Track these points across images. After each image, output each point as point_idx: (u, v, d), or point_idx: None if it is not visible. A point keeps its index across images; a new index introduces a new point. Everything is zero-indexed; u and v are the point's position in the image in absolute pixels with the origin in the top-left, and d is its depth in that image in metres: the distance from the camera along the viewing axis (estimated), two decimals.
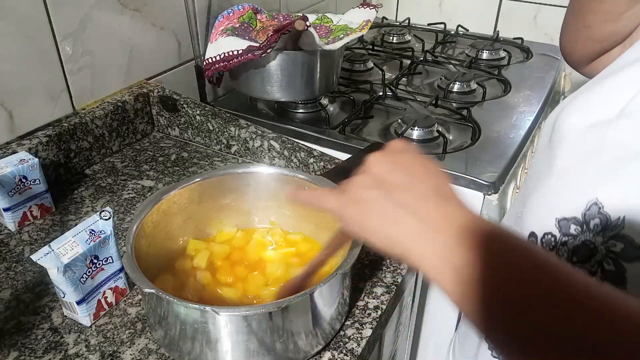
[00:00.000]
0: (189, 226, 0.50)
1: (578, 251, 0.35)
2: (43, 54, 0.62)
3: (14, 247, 0.53)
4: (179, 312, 0.38)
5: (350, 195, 0.31)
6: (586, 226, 0.34)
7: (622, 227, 0.32)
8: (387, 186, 0.30)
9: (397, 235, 0.29)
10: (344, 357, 0.42)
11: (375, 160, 0.31)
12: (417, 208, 0.29)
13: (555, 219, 0.37)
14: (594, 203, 0.34)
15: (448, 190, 0.30)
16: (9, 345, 0.43)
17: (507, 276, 0.26)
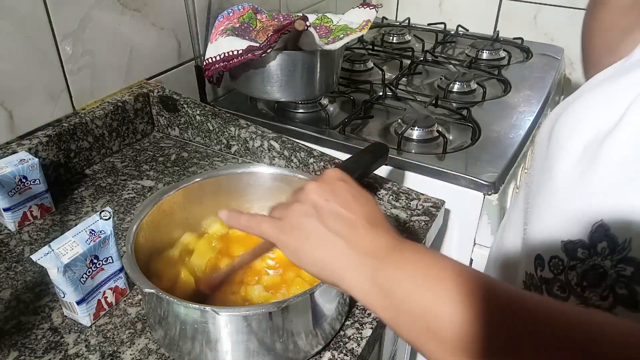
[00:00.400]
0: (189, 226, 0.50)
1: (587, 276, 0.35)
2: (43, 54, 0.62)
3: (14, 247, 0.53)
4: (179, 312, 0.38)
5: (286, 223, 0.33)
6: (593, 250, 0.34)
7: (629, 250, 0.32)
8: (323, 214, 0.32)
9: (329, 260, 0.31)
10: (344, 357, 0.42)
11: (312, 189, 0.33)
12: (348, 234, 0.31)
13: (561, 242, 0.36)
14: (599, 225, 0.33)
15: (378, 217, 0.33)
16: (9, 345, 0.43)
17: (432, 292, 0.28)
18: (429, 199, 0.61)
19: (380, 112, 0.84)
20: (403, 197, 0.61)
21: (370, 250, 0.30)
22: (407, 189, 0.62)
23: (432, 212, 0.59)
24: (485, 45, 1.07)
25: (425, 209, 0.60)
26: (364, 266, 0.30)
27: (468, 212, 0.70)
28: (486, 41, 1.10)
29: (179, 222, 0.49)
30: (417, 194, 0.61)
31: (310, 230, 0.32)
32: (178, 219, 0.49)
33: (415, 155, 0.72)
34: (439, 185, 0.70)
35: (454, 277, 0.28)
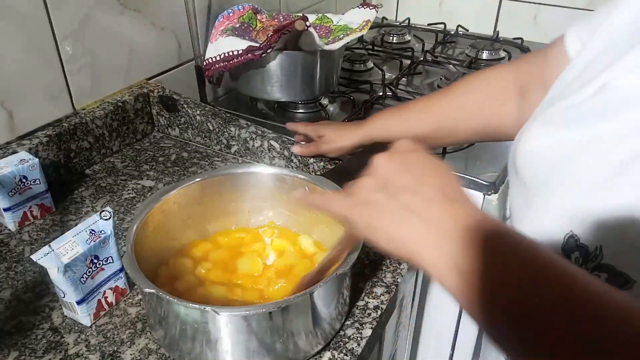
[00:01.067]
0: (189, 226, 0.50)
1: None
2: (43, 54, 0.62)
3: (14, 247, 0.53)
4: (179, 312, 0.38)
5: (356, 198, 0.31)
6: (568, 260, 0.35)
7: (601, 257, 0.32)
8: (393, 189, 0.30)
9: (403, 238, 0.29)
10: (344, 357, 0.42)
11: (381, 162, 0.31)
12: (422, 211, 0.29)
13: None
14: (570, 236, 0.34)
15: (454, 190, 0.30)
16: (9, 345, 0.43)
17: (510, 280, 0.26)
18: None
19: None
20: None
21: (447, 228, 0.28)
22: None
23: None
24: (485, 45, 1.07)
25: None
26: (441, 246, 0.28)
27: None
28: (486, 41, 1.10)
29: (179, 222, 0.49)
30: None
31: (382, 206, 0.30)
32: (178, 219, 0.49)
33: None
34: None
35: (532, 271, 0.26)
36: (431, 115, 0.57)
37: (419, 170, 0.30)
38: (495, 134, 0.54)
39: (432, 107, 0.58)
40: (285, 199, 0.51)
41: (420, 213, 0.29)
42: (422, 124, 0.57)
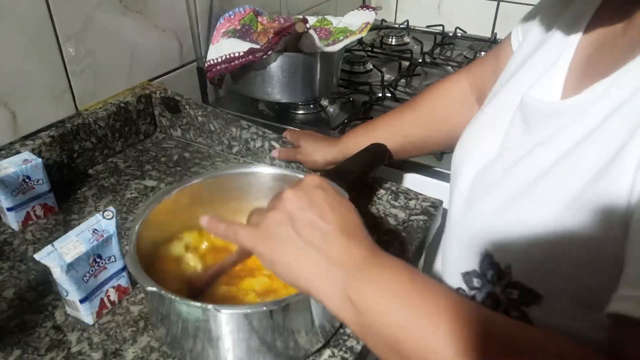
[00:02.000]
0: (191, 226, 0.50)
1: (486, 303, 0.37)
2: (46, 55, 0.62)
3: (18, 247, 0.54)
4: (180, 310, 0.38)
5: (262, 231, 0.33)
6: (485, 278, 0.36)
7: (511, 275, 0.34)
8: (297, 224, 0.31)
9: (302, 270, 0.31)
10: (344, 354, 0.43)
11: (288, 197, 0.32)
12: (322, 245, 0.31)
13: (460, 273, 0.39)
14: (485, 254, 0.35)
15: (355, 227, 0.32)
16: (12, 343, 0.43)
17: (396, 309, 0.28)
18: (427, 198, 0.61)
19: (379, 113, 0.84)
20: (402, 197, 0.61)
21: (342, 261, 0.30)
22: (405, 188, 0.63)
23: (431, 211, 0.60)
24: (484, 47, 1.08)
25: (424, 208, 0.60)
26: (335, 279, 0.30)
27: None
28: (484, 43, 1.10)
29: (180, 221, 0.49)
30: (415, 194, 0.62)
31: (285, 239, 0.31)
32: (180, 219, 0.49)
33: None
34: (438, 185, 0.70)
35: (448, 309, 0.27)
36: (398, 132, 0.60)
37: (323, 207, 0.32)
38: None
39: (398, 124, 0.60)
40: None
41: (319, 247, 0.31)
42: (392, 140, 0.59)
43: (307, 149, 0.64)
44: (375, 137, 0.60)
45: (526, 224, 0.32)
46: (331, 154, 0.62)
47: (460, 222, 0.40)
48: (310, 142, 0.64)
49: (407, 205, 0.61)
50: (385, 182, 0.63)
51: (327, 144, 0.64)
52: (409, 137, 0.60)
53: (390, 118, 0.62)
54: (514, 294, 0.34)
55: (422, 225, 0.58)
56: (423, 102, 0.60)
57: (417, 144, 0.60)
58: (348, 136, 0.64)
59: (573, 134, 0.31)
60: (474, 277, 0.37)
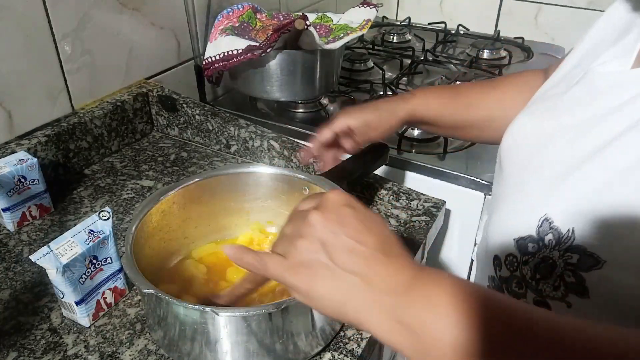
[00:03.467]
0: (188, 226, 0.50)
1: (539, 268, 0.36)
2: (42, 54, 0.61)
3: (13, 248, 0.53)
4: (178, 312, 0.38)
5: (293, 261, 0.30)
6: (542, 243, 0.36)
7: (573, 239, 0.34)
8: (332, 250, 0.29)
9: (346, 301, 0.28)
10: (344, 357, 0.42)
11: (317, 220, 0.29)
12: (364, 271, 0.28)
13: (514, 239, 0.38)
14: (544, 219, 0.36)
15: (392, 244, 0.30)
16: (8, 345, 0.42)
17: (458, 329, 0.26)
18: (429, 199, 0.61)
19: None
20: (403, 197, 0.61)
21: (390, 287, 0.28)
22: (407, 189, 0.62)
23: (433, 212, 0.59)
24: (486, 44, 1.07)
25: (426, 209, 0.60)
26: (385, 306, 0.28)
27: (469, 212, 0.70)
28: (487, 40, 1.09)
29: (178, 222, 0.49)
30: (417, 194, 0.61)
31: (321, 269, 0.29)
32: (177, 219, 0.48)
33: (416, 155, 0.72)
34: (440, 185, 0.69)
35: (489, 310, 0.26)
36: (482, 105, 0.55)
37: (356, 228, 0.29)
38: None
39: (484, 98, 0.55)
40: (285, 199, 0.51)
41: (361, 274, 0.28)
42: (472, 113, 0.55)
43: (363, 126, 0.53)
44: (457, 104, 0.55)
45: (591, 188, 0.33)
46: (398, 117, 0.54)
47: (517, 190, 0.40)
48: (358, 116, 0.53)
49: (409, 205, 0.60)
50: (387, 182, 0.63)
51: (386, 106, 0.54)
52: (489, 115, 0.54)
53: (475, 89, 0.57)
54: (573, 258, 0.34)
55: (424, 226, 0.57)
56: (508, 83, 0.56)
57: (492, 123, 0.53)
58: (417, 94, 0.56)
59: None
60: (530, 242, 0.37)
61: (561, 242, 0.34)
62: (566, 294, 0.35)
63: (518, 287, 0.39)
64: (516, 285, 0.39)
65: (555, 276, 0.35)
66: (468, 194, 0.68)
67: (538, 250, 0.36)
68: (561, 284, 0.35)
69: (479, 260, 0.47)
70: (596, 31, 0.43)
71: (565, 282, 0.34)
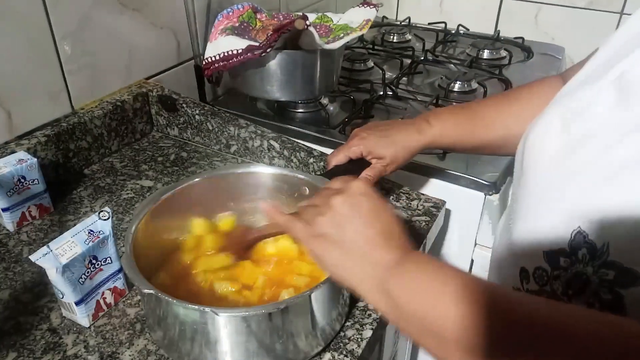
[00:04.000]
0: (188, 226, 0.50)
1: (572, 284, 0.35)
2: (42, 54, 0.61)
3: (13, 248, 0.53)
4: (178, 312, 0.38)
5: (313, 229, 0.37)
6: (575, 257, 0.34)
7: (608, 254, 0.32)
8: (345, 228, 0.36)
9: (346, 269, 0.35)
10: (344, 358, 0.42)
11: (338, 202, 0.36)
12: (365, 248, 0.35)
13: (543, 252, 0.37)
14: (577, 232, 0.34)
15: (394, 231, 0.36)
16: (8, 345, 0.42)
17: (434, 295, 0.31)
18: (429, 199, 0.61)
19: (380, 112, 0.84)
20: (404, 197, 0.61)
21: (382, 263, 0.34)
22: (407, 189, 0.62)
23: (433, 212, 0.59)
24: (486, 44, 1.07)
25: (426, 209, 0.60)
26: (375, 277, 0.34)
27: (469, 212, 0.70)
28: (487, 40, 1.09)
29: (178, 222, 0.49)
30: (417, 194, 0.61)
31: (334, 241, 0.36)
32: (177, 220, 0.48)
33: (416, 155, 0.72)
34: (440, 185, 0.69)
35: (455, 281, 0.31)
36: (500, 124, 0.54)
37: (367, 214, 0.36)
38: None
39: (502, 116, 0.54)
40: (285, 199, 0.51)
41: (362, 249, 0.35)
42: (490, 134, 0.54)
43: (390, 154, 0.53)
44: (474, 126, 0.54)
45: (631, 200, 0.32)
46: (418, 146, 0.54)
47: (546, 199, 0.39)
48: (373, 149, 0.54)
49: (409, 205, 0.60)
50: (387, 182, 0.63)
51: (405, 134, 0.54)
52: (508, 132, 0.52)
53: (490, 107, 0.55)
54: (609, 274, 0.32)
55: (424, 226, 0.57)
56: (526, 95, 0.54)
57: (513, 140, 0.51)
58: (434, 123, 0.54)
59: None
60: (561, 255, 0.36)
61: (596, 257, 0.33)
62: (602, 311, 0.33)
63: None
64: None
65: (589, 293, 0.34)
66: (468, 194, 0.68)
67: (570, 265, 0.35)
68: (596, 301, 0.33)
69: (500, 268, 0.45)
70: (626, 29, 0.40)
71: (601, 299, 0.33)
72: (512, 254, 0.41)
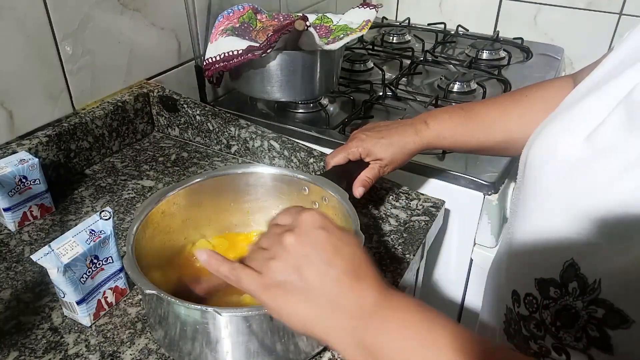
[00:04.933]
0: (189, 226, 0.50)
1: (560, 316, 0.34)
2: (43, 54, 0.62)
3: (14, 247, 0.53)
4: (179, 312, 0.38)
5: (266, 280, 0.31)
6: (565, 289, 0.33)
7: (599, 291, 0.31)
8: (304, 272, 0.30)
9: (313, 321, 0.30)
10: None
11: (291, 244, 0.31)
12: (331, 293, 0.30)
13: (535, 279, 0.36)
14: (570, 264, 0.33)
15: (362, 268, 0.31)
16: (9, 345, 0.42)
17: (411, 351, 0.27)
18: (428, 199, 0.61)
19: (380, 112, 0.84)
20: (403, 197, 0.61)
21: (354, 310, 0.30)
22: (407, 189, 0.62)
23: (432, 212, 0.59)
24: (485, 45, 1.07)
25: (425, 209, 0.60)
26: (348, 329, 0.29)
27: (468, 212, 0.70)
28: (486, 41, 1.10)
29: (179, 222, 0.49)
30: (417, 194, 0.61)
31: (292, 289, 0.30)
32: (178, 219, 0.49)
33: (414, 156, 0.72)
34: (439, 185, 0.70)
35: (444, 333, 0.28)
36: (500, 127, 0.53)
37: (329, 251, 0.31)
38: None
39: (504, 118, 0.53)
40: (285, 199, 0.51)
41: (328, 296, 0.30)
42: (490, 136, 0.53)
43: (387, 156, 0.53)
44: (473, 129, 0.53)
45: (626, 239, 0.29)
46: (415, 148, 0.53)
47: (541, 226, 0.36)
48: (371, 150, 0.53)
49: (409, 205, 0.60)
50: (386, 182, 0.63)
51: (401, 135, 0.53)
52: (510, 135, 0.52)
53: (493, 109, 0.53)
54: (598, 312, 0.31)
55: (423, 226, 0.58)
56: (530, 98, 0.52)
57: (515, 143, 0.50)
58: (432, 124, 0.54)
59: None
60: (552, 286, 0.34)
61: (586, 293, 0.32)
62: (588, 347, 0.32)
63: (537, 329, 0.36)
64: (534, 327, 0.36)
65: (577, 327, 0.33)
66: (468, 194, 0.68)
67: (560, 297, 0.33)
68: (583, 336, 0.32)
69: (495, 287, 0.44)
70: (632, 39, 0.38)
71: (589, 336, 0.32)
72: (507, 274, 0.40)
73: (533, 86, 0.55)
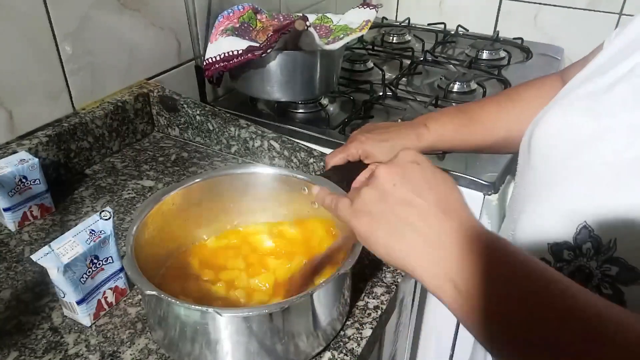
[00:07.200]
0: (189, 226, 0.50)
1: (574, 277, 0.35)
2: (43, 54, 0.62)
3: (14, 247, 0.53)
4: (179, 313, 0.38)
5: (357, 208, 0.32)
6: (579, 251, 0.34)
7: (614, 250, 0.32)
8: (392, 201, 0.31)
9: (399, 250, 0.30)
10: (344, 357, 0.42)
11: (382, 173, 0.32)
12: (418, 224, 0.30)
13: (547, 244, 0.37)
14: (583, 227, 0.34)
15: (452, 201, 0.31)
16: (9, 345, 0.42)
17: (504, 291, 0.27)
18: None
19: (380, 112, 0.84)
20: None
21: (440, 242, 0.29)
22: None
23: None
24: (485, 45, 1.07)
25: None
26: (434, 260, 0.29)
27: None
28: (486, 41, 1.10)
29: (179, 222, 0.49)
30: None
31: (380, 218, 0.31)
32: (178, 219, 0.49)
33: None
34: None
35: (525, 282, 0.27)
36: (499, 126, 0.53)
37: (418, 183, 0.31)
38: None
39: (502, 117, 0.53)
40: (285, 199, 0.51)
41: (416, 226, 0.30)
42: (489, 136, 0.53)
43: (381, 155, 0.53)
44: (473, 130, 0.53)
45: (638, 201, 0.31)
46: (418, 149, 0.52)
47: (553, 193, 0.37)
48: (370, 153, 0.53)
49: None
50: None
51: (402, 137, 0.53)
52: (510, 133, 0.52)
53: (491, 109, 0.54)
54: (612, 270, 0.32)
55: None
56: (526, 94, 0.53)
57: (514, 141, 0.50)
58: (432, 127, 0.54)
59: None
60: (565, 249, 0.35)
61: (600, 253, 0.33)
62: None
63: None
64: None
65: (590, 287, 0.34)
66: (467, 194, 0.68)
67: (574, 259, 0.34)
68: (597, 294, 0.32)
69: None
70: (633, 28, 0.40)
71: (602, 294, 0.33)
72: (516, 244, 0.41)
73: (526, 85, 0.55)
